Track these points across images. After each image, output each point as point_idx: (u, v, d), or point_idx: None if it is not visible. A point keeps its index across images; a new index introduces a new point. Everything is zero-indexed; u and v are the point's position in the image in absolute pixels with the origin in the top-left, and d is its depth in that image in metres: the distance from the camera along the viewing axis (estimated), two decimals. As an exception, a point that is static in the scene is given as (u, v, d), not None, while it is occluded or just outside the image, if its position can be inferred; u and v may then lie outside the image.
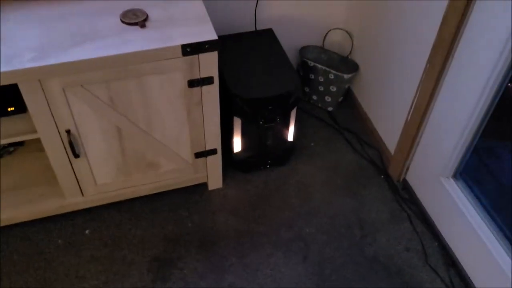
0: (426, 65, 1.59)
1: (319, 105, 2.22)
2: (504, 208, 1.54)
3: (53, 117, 1.39)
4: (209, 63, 1.43)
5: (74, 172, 1.57)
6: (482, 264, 1.51)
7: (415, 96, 1.69)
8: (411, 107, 1.72)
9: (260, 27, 2.03)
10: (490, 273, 1.47)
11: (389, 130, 1.94)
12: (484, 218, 1.52)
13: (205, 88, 1.49)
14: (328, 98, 2.16)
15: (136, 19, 1.41)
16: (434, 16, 1.50)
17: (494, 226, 1.49)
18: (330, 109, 2.20)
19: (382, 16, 1.86)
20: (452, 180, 1.62)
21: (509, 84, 1.40)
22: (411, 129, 1.74)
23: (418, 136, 1.73)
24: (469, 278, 1.58)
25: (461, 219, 1.57)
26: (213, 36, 1.38)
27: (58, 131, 1.43)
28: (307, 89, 2.21)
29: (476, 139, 1.51)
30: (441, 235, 1.70)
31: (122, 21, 1.41)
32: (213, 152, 1.70)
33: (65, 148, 1.48)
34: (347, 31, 2.13)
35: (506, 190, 1.60)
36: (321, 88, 2.14)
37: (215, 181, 1.83)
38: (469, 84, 1.43)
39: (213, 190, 1.85)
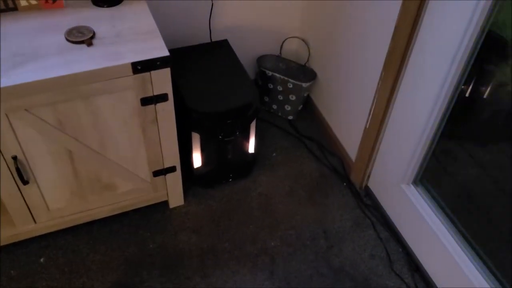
0: (382, 72, 1.60)
1: (279, 114, 2.20)
2: (463, 210, 1.56)
3: (-4, 144, 1.31)
4: (162, 80, 1.38)
5: (24, 199, 1.49)
6: (444, 267, 1.52)
7: (372, 103, 1.69)
8: (369, 114, 1.73)
9: (215, 38, 2.00)
10: (453, 276, 1.49)
11: (349, 137, 1.95)
12: (444, 222, 1.53)
13: (159, 105, 1.44)
14: (287, 107, 2.15)
15: (82, 37, 1.35)
16: (387, 23, 1.51)
17: (454, 230, 1.51)
18: (290, 117, 2.19)
19: (336, 24, 1.86)
20: (412, 187, 1.64)
21: (462, 86, 1.42)
22: (370, 136, 1.74)
23: (377, 143, 1.73)
24: (433, 282, 1.59)
25: (422, 225, 1.58)
26: (164, 52, 1.33)
27: (4, 158, 1.35)
28: (266, 99, 2.19)
29: (434, 145, 1.53)
30: (405, 240, 1.71)
31: (67, 40, 1.34)
32: (172, 169, 1.65)
33: (12, 175, 1.40)
34: (303, 39, 2.12)
35: (465, 191, 1.63)
36: (280, 97, 2.13)
37: (176, 198, 1.78)
38: (424, 89, 1.45)
39: (174, 208, 1.80)
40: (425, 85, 1.44)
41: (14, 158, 1.35)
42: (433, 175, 1.63)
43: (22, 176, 1.39)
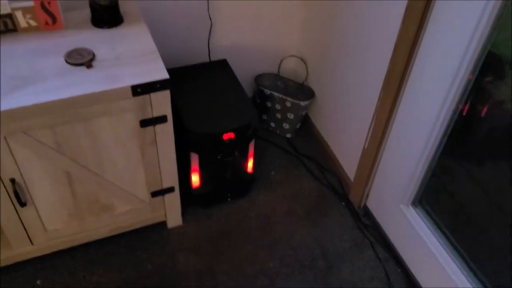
0: (381, 92, 1.60)
1: (278, 132, 2.20)
2: (462, 230, 1.56)
3: (-6, 166, 1.30)
4: (161, 102, 1.38)
5: (21, 221, 1.47)
6: (444, 289, 1.52)
7: (371, 123, 1.70)
8: (368, 134, 1.73)
9: (214, 57, 2.00)
10: (453, 299, 1.48)
11: (348, 156, 1.95)
12: (443, 244, 1.53)
13: (158, 127, 1.43)
14: (286, 125, 2.15)
15: (81, 59, 1.35)
16: (387, 42, 1.52)
17: (453, 252, 1.50)
18: (288, 136, 2.19)
19: (334, 43, 1.87)
20: (411, 208, 1.63)
21: (459, 105, 1.43)
22: (369, 156, 1.74)
23: (376, 163, 1.73)
24: (433, 304, 1.58)
25: (421, 246, 1.57)
26: (164, 74, 1.33)
27: (1, 181, 1.34)
28: (264, 117, 2.19)
29: (433, 166, 1.53)
30: (404, 261, 1.70)
31: (67, 62, 1.34)
32: (170, 190, 1.64)
33: (10, 197, 1.39)
34: (301, 58, 2.13)
35: (463, 211, 1.62)
36: (278, 116, 2.13)
37: (174, 219, 1.76)
38: (424, 109, 1.45)
39: (172, 228, 1.78)
40: (424, 105, 1.44)
41: (12, 180, 1.34)
42: (432, 195, 1.63)
43: (19, 198, 1.38)
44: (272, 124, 2.19)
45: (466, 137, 1.66)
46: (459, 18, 1.24)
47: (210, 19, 1.88)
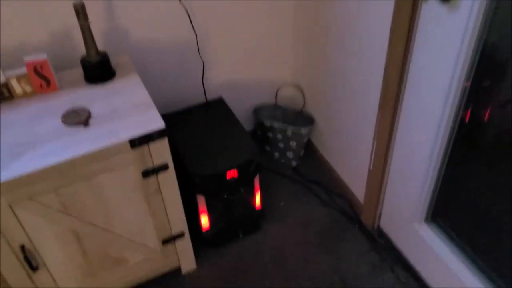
0: (378, 113, 1.60)
1: (283, 161, 2.20)
2: (480, 241, 1.52)
3: (3, 235, 1.30)
4: (160, 151, 1.38)
5: (35, 285, 1.47)
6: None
7: (373, 144, 1.69)
8: (371, 155, 1.72)
9: (210, 96, 2.02)
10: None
11: (355, 178, 1.93)
12: (462, 260, 1.49)
13: (161, 175, 1.44)
14: (289, 154, 2.14)
15: (78, 118, 1.37)
16: (377, 63, 1.52)
17: (473, 267, 1.47)
18: (294, 164, 2.18)
19: (326, 67, 1.88)
20: (424, 224, 1.61)
21: (460, 113, 1.41)
22: (376, 177, 1.73)
23: (384, 182, 1.72)
24: (461, 321, 1.54)
25: (439, 263, 1.54)
26: (160, 124, 1.34)
27: (11, 248, 1.34)
28: (267, 148, 2.19)
29: (440, 180, 1.50)
30: (425, 281, 1.66)
31: (64, 123, 1.36)
32: (180, 235, 1.63)
33: (21, 263, 1.39)
34: (296, 86, 2.14)
35: (479, 220, 1.59)
36: (281, 145, 2.13)
37: (188, 263, 1.75)
38: (423, 125, 1.43)
39: (187, 273, 1.76)
40: (423, 119, 1.42)
41: (22, 247, 1.35)
42: (444, 208, 1.60)
43: (31, 263, 1.38)
44: (276, 154, 2.19)
45: (473, 144, 1.64)
46: (444, 32, 1.24)
47: (202, 59, 1.91)
